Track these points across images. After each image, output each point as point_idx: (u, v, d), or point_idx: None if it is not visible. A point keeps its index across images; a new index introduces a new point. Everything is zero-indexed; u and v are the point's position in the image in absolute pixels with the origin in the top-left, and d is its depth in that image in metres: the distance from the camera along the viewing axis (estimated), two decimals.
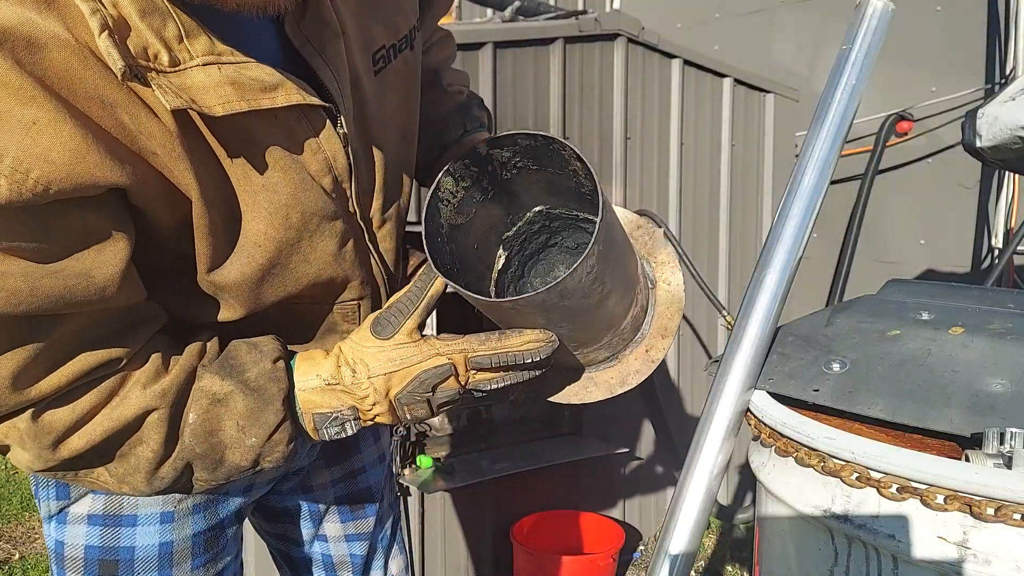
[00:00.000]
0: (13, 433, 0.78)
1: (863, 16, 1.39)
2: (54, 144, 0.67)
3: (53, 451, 0.79)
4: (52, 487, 1.01)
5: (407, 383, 0.90)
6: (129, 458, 0.83)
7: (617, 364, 1.10)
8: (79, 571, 1.01)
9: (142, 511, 1.02)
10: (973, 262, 3.48)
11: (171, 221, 0.81)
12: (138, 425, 0.82)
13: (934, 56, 3.53)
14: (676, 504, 1.30)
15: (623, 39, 3.00)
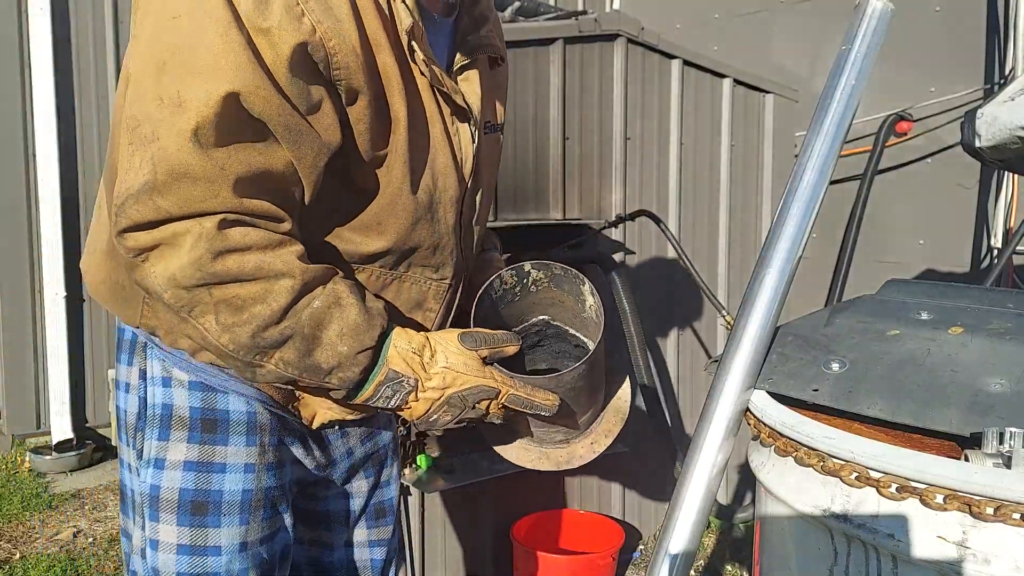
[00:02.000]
0: (195, 229, 0.94)
1: (863, 16, 1.40)
2: (339, 19, 0.98)
3: (212, 260, 0.94)
4: (156, 429, 1.15)
5: (466, 387, 1.12)
6: (243, 312, 0.97)
7: (567, 447, 1.38)
8: (173, 511, 1.15)
9: (230, 460, 1.17)
10: (972, 262, 3.48)
11: (371, 150, 1.08)
12: (273, 282, 0.98)
13: (934, 56, 3.54)
14: (676, 504, 1.30)
15: (623, 39, 3.00)
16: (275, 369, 1.03)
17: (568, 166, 2.91)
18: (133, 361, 1.21)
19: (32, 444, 4.53)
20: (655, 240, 3.20)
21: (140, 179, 0.93)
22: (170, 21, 0.94)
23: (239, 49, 0.92)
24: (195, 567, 1.15)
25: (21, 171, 4.57)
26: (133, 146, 0.95)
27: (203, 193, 0.94)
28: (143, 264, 0.96)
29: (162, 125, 0.92)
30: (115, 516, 3.69)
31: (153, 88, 0.93)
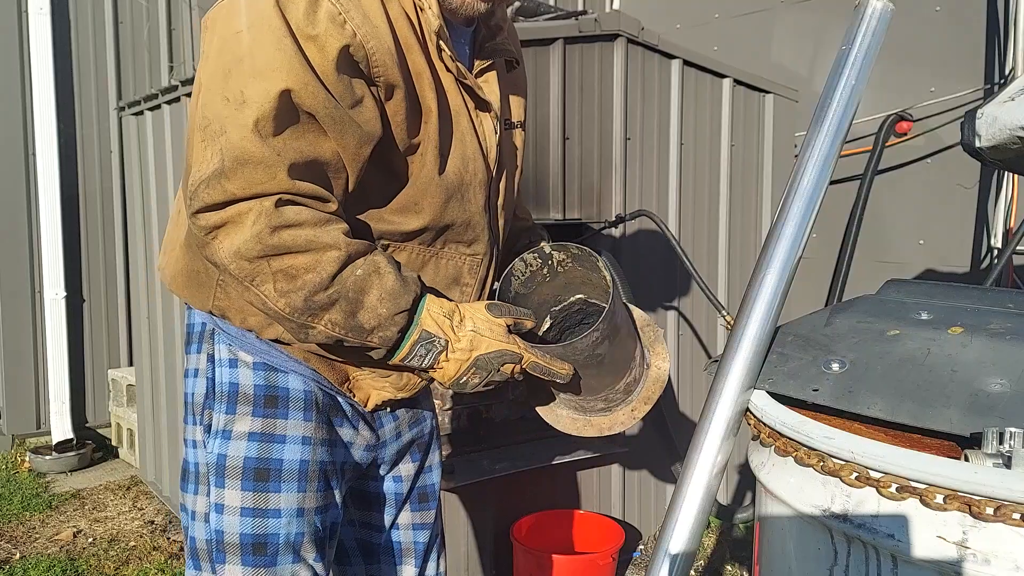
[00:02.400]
0: (256, 208, 1.09)
1: (863, 16, 1.40)
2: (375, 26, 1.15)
3: (271, 234, 1.09)
4: (224, 404, 1.29)
5: (491, 350, 1.24)
6: (297, 280, 1.12)
7: (609, 415, 1.48)
8: (238, 477, 1.28)
9: (290, 432, 1.30)
10: (972, 262, 3.48)
11: (407, 139, 1.23)
12: (322, 253, 1.12)
13: (934, 56, 3.54)
14: (676, 504, 1.30)
15: (623, 39, 3.00)
16: (324, 330, 1.16)
17: (568, 166, 2.91)
18: (201, 348, 1.36)
19: (32, 444, 4.53)
20: (655, 240, 3.20)
21: (211, 167, 1.09)
22: (233, 36, 1.12)
23: (291, 53, 1.10)
24: (257, 528, 1.29)
25: (21, 171, 4.57)
26: (205, 142, 1.11)
27: (263, 176, 1.09)
28: (212, 241, 1.11)
29: (228, 120, 1.09)
30: (115, 516, 3.70)
31: (220, 91, 1.10)
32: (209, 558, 1.31)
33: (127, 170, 4.13)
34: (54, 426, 4.46)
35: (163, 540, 3.41)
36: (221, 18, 1.15)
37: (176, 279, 1.35)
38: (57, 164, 4.51)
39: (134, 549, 3.32)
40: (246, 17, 1.12)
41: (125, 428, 4.38)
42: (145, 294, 3.92)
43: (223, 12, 1.15)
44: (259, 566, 1.28)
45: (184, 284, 1.34)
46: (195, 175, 1.11)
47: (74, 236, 4.72)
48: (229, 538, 1.28)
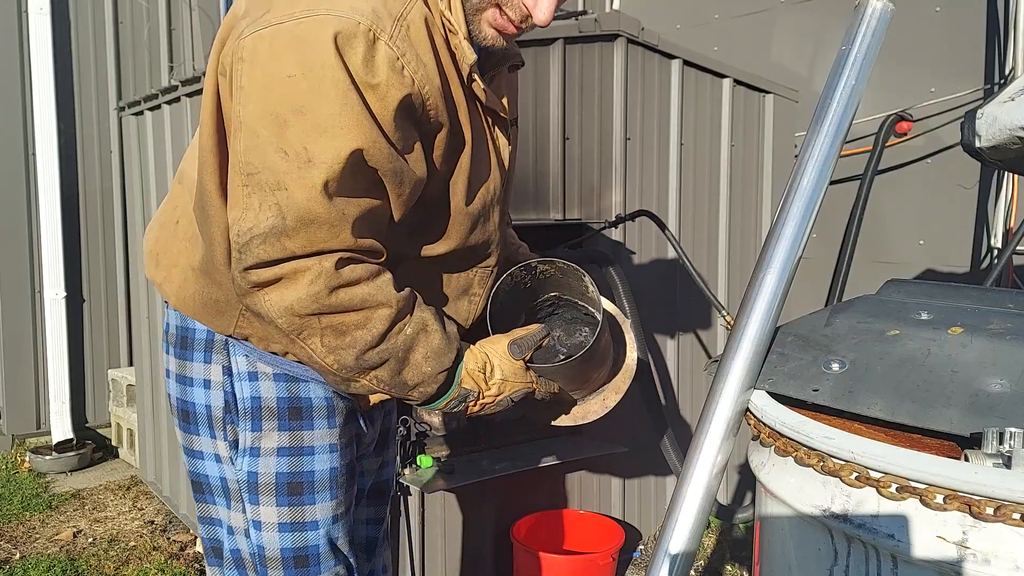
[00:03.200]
0: (315, 267, 1.08)
1: (863, 16, 1.40)
2: (426, 65, 1.12)
3: (328, 295, 1.08)
4: (248, 420, 1.28)
5: (516, 390, 1.31)
6: (346, 336, 1.12)
7: (583, 405, 1.54)
8: (272, 494, 1.28)
9: (317, 443, 1.31)
10: (972, 262, 3.48)
11: (444, 170, 1.23)
12: (373, 311, 1.12)
13: (934, 56, 3.53)
14: (676, 504, 1.30)
15: (623, 39, 3.00)
16: (368, 384, 1.18)
17: (568, 166, 2.91)
18: (212, 358, 1.31)
19: (32, 444, 4.53)
20: (655, 240, 3.20)
21: (266, 222, 1.06)
22: (285, 80, 1.05)
23: (358, 109, 1.06)
24: (297, 542, 1.30)
25: (21, 171, 4.57)
26: (249, 188, 1.07)
27: (327, 235, 1.08)
28: (258, 293, 1.10)
29: (290, 177, 1.05)
30: (115, 516, 3.70)
31: (275, 141, 1.05)
32: (254, 570, 1.33)
33: (127, 170, 4.13)
34: (54, 426, 4.46)
35: (163, 540, 3.41)
36: (264, 51, 1.07)
37: (187, 302, 1.31)
38: (57, 164, 4.51)
39: (134, 549, 3.32)
40: (298, 58, 1.04)
41: (125, 428, 4.38)
42: (145, 294, 3.92)
43: (265, 45, 1.07)
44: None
45: (198, 309, 1.30)
46: (242, 225, 1.07)
47: (74, 236, 4.72)
48: (271, 553, 1.30)
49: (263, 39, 1.07)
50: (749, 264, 3.62)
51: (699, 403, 3.56)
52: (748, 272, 3.52)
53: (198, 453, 1.36)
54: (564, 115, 2.87)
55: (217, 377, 1.31)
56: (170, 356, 1.37)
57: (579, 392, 1.53)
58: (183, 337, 1.34)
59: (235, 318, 1.27)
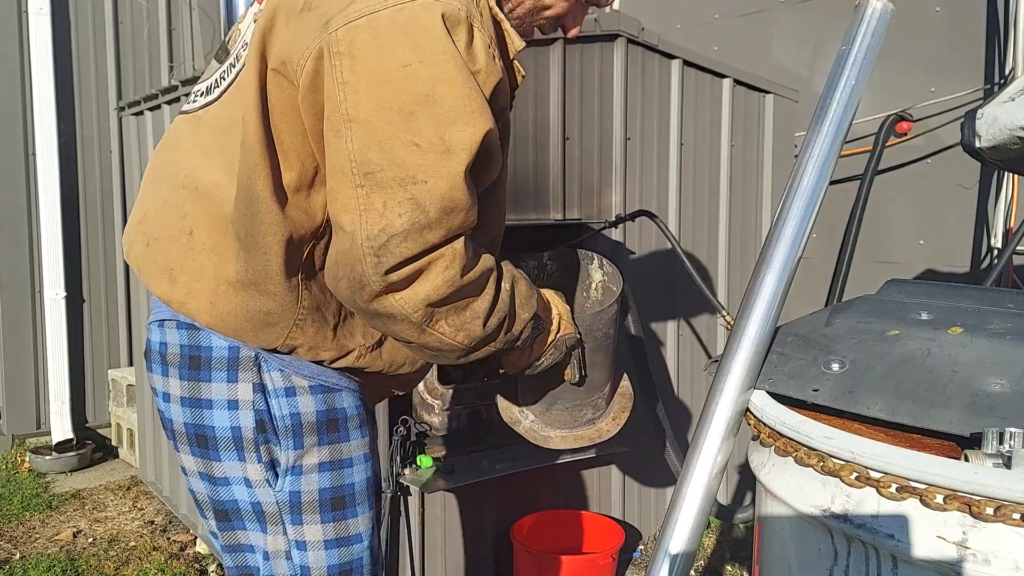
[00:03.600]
0: (448, 253, 1.07)
1: (863, 16, 1.40)
2: (502, 55, 1.16)
3: (461, 277, 1.09)
4: (290, 439, 1.23)
5: (566, 333, 1.36)
6: (466, 311, 1.12)
7: (595, 426, 1.61)
8: (316, 511, 1.25)
9: (354, 454, 1.30)
10: (972, 262, 3.48)
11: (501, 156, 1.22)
12: (484, 278, 1.14)
13: (934, 56, 3.53)
14: (676, 504, 1.30)
15: (623, 39, 3.00)
16: (487, 350, 1.20)
17: (568, 166, 2.91)
18: (239, 377, 1.21)
19: (32, 444, 4.53)
20: (655, 240, 3.19)
21: (402, 219, 1.03)
22: (402, 70, 1.02)
23: (478, 93, 1.06)
24: (343, 557, 1.27)
25: (21, 171, 4.57)
26: (367, 188, 1.03)
27: (461, 220, 1.08)
28: (389, 295, 1.06)
29: (428, 169, 1.03)
30: (115, 516, 3.70)
31: (402, 135, 1.03)
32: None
33: (127, 170, 4.13)
34: (54, 426, 4.46)
35: (163, 540, 3.41)
36: (366, 42, 1.03)
37: (224, 318, 1.20)
38: (57, 164, 4.51)
39: (134, 549, 3.32)
40: (412, 46, 1.02)
41: (125, 428, 4.38)
42: (145, 294, 3.92)
43: (366, 36, 1.03)
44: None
45: (240, 323, 1.20)
46: (372, 227, 1.03)
47: (74, 236, 4.72)
48: (316, 573, 1.26)
49: (360, 29, 1.03)
50: (749, 264, 3.62)
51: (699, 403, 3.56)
52: (748, 272, 3.51)
53: (221, 480, 1.25)
54: (564, 115, 2.87)
55: (246, 396, 1.21)
56: (170, 379, 1.25)
57: (587, 406, 1.57)
58: (193, 357, 1.23)
59: (288, 328, 1.20)
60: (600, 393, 1.57)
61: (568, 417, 1.58)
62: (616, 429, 1.61)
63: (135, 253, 1.30)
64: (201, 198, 1.21)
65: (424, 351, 1.18)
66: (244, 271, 1.17)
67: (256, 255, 1.16)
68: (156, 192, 1.29)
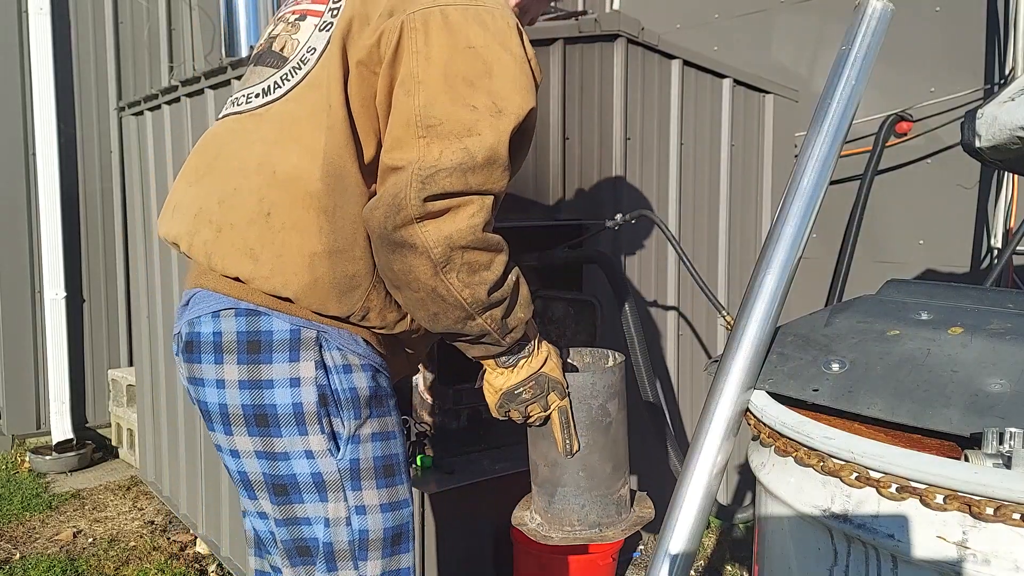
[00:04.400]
0: (478, 202, 1.22)
1: (863, 17, 1.40)
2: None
3: (483, 227, 1.22)
4: (350, 410, 1.35)
5: (553, 374, 1.44)
6: (476, 275, 1.24)
7: (599, 532, 1.59)
8: (372, 477, 1.38)
9: (396, 428, 1.44)
10: (972, 262, 3.48)
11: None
12: (496, 254, 1.27)
13: (934, 56, 3.53)
14: (676, 504, 1.30)
15: (623, 39, 3.00)
16: (482, 323, 1.29)
17: (568, 166, 2.91)
18: (300, 356, 1.33)
19: (32, 444, 4.53)
20: (655, 240, 3.19)
21: (453, 159, 1.19)
22: (468, 50, 1.25)
23: (529, 77, 1.28)
24: (396, 520, 1.42)
25: (21, 171, 4.57)
26: (428, 138, 1.21)
27: (499, 176, 1.24)
28: (415, 225, 1.19)
29: (481, 124, 1.22)
30: (115, 516, 3.70)
31: (463, 99, 1.22)
32: (350, 557, 1.38)
33: (127, 170, 4.13)
34: (54, 426, 4.46)
35: (163, 540, 3.41)
36: (437, 23, 1.25)
37: (311, 288, 1.30)
38: (57, 164, 4.51)
39: (134, 549, 3.32)
40: (482, 33, 1.26)
41: (125, 428, 4.38)
42: (145, 294, 3.92)
43: (440, 19, 1.26)
44: (395, 554, 1.42)
45: (325, 291, 1.31)
46: (424, 163, 1.19)
47: (74, 236, 4.72)
48: (374, 535, 1.38)
49: (435, 14, 1.26)
50: (749, 264, 3.62)
51: (699, 403, 3.56)
52: (748, 272, 3.51)
53: (282, 455, 1.33)
54: (564, 115, 2.87)
55: (308, 373, 1.32)
56: (225, 365, 1.32)
57: (600, 483, 1.54)
58: (252, 342, 1.31)
59: (367, 291, 1.34)
60: (607, 491, 1.54)
61: (571, 515, 1.55)
62: (621, 538, 1.62)
63: (200, 242, 1.35)
64: (280, 182, 1.32)
65: (428, 304, 1.27)
66: (332, 240, 1.30)
67: (345, 224, 1.31)
68: (218, 184, 1.37)
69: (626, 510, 1.62)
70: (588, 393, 1.48)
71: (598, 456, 1.51)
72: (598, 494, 1.53)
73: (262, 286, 1.31)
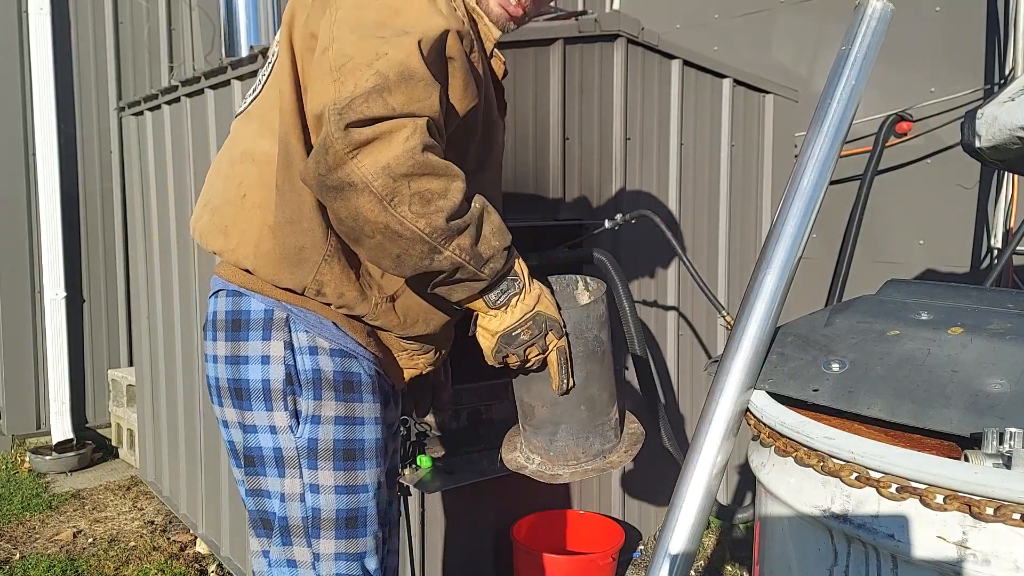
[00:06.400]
0: (410, 124, 1.16)
1: (863, 17, 1.40)
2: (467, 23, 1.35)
3: (422, 152, 1.16)
4: (311, 390, 1.38)
5: (549, 312, 1.39)
6: (431, 204, 1.18)
7: (605, 459, 1.56)
8: (330, 459, 1.40)
9: (366, 415, 1.44)
10: (972, 262, 3.48)
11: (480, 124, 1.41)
12: (451, 181, 1.20)
13: (934, 56, 3.53)
14: (676, 504, 1.30)
15: (623, 39, 3.00)
16: (451, 255, 1.23)
17: (568, 166, 2.91)
18: (272, 335, 1.39)
19: (32, 444, 4.53)
20: (655, 240, 3.19)
21: (366, 84, 1.14)
22: (376, 1, 1.23)
23: (443, 12, 1.25)
24: (351, 503, 1.42)
25: (21, 171, 4.57)
26: (342, 77, 1.16)
27: (423, 94, 1.17)
28: (352, 160, 1.14)
29: (388, 45, 1.17)
30: (115, 516, 3.70)
31: (372, 34, 1.19)
32: (304, 534, 1.41)
33: (127, 170, 4.13)
34: (54, 426, 4.46)
35: (163, 540, 3.41)
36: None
37: (262, 259, 1.39)
38: (57, 164, 4.51)
39: (134, 549, 3.32)
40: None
41: (125, 428, 4.38)
42: (145, 294, 3.92)
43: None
44: (352, 537, 1.42)
45: (275, 262, 1.37)
46: (339, 95, 1.14)
47: (74, 236, 4.72)
48: (326, 515, 1.40)
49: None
50: (749, 264, 3.62)
51: (699, 403, 3.56)
52: (748, 272, 3.51)
53: (251, 428, 1.42)
54: (564, 115, 2.87)
55: (278, 352, 1.39)
56: (218, 342, 1.44)
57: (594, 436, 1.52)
58: (236, 320, 1.42)
59: (317, 264, 1.35)
60: (606, 418, 1.53)
61: (576, 449, 1.52)
62: (627, 460, 1.57)
63: (200, 226, 1.49)
64: (256, 165, 1.42)
65: (387, 246, 1.21)
66: (281, 213, 1.35)
67: (292, 197, 1.34)
68: (218, 175, 1.51)
69: (620, 431, 1.59)
70: (584, 327, 1.44)
71: (597, 387, 1.48)
72: (598, 423, 1.51)
73: (230, 259, 1.42)
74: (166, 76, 5.01)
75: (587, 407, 1.48)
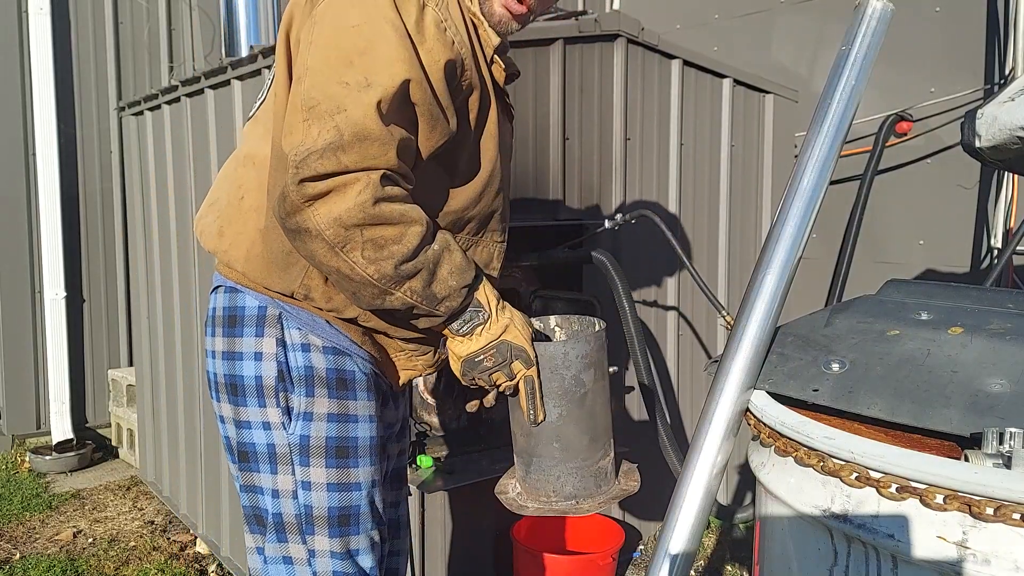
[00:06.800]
0: (363, 179, 1.18)
1: (863, 17, 1.40)
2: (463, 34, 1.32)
3: (373, 205, 1.18)
4: (303, 387, 1.39)
5: (516, 342, 1.38)
6: (384, 250, 1.22)
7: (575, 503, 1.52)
8: (322, 456, 1.40)
9: (360, 412, 1.44)
10: (972, 262, 3.48)
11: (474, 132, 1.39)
12: (408, 227, 1.23)
13: (933, 56, 3.53)
14: (676, 504, 1.30)
15: (623, 39, 3.00)
16: (402, 296, 1.27)
17: (568, 166, 2.91)
18: (265, 332, 1.41)
19: (32, 444, 4.53)
20: (655, 240, 3.19)
21: (324, 139, 1.17)
22: (350, 28, 1.22)
23: (411, 51, 1.23)
24: (343, 501, 1.41)
25: (21, 171, 4.57)
26: (310, 120, 1.20)
27: (377, 152, 1.19)
28: (307, 208, 1.18)
29: (349, 100, 1.19)
30: (115, 516, 3.70)
31: (338, 77, 1.20)
32: (298, 530, 1.42)
33: (127, 170, 4.13)
34: (54, 426, 4.46)
35: (163, 540, 3.41)
36: (332, 12, 1.25)
37: (253, 261, 1.41)
38: (57, 164, 4.51)
39: (134, 549, 3.32)
40: (361, 12, 1.23)
41: (125, 428, 4.38)
42: (145, 294, 3.92)
43: (333, 7, 1.25)
44: (344, 535, 1.42)
45: (263, 266, 1.40)
46: (300, 147, 1.18)
47: (74, 236, 4.72)
48: (318, 512, 1.40)
49: (332, 4, 1.25)
50: (749, 264, 3.62)
51: (699, 403, 3.56)
52: (748, 272, 3.51)
53: (246, 424, 1.43)
54: (564, 115, 2.86)
55: (270, 349, 1.40)
56: (216, 337, 1.45)
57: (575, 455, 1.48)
58: (231, 316, 1.43)
59: (305, 268, 1.36)
60: (583, 462, 1.48)
61: (547, 486, 1.49)
62: (596, 510, 1.54)
63: (203, 224, 1.51)
64: (255, 168, 1.44)
65: (342, 283, 1.28)
66: (269, 217, 1.36)
67: None
68: (224, 176, 1.53)
69: (606, 482, 1.54)
70: (560, 363, 1.42)
71: (573, 427, 1.45)
72: (573, 466, 1.48)
73: (223, 259, 1.45)
74: (166, 76, 5.01)
75: (560, 446, 1.46)
